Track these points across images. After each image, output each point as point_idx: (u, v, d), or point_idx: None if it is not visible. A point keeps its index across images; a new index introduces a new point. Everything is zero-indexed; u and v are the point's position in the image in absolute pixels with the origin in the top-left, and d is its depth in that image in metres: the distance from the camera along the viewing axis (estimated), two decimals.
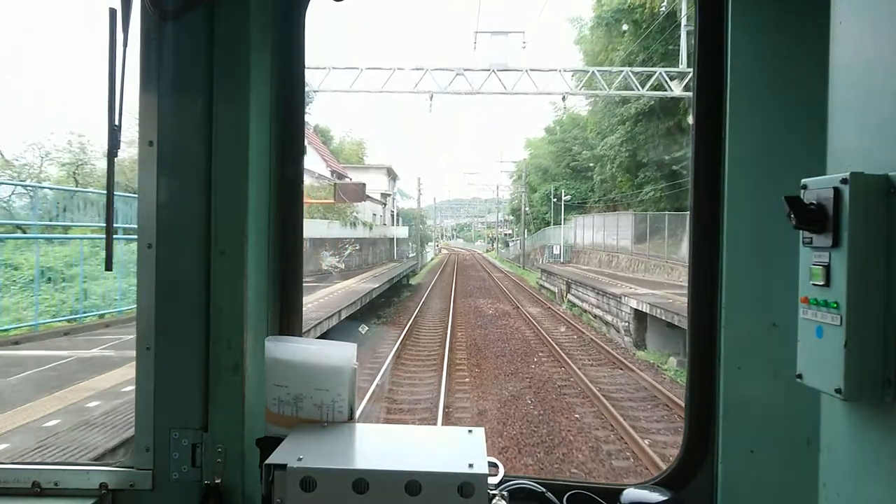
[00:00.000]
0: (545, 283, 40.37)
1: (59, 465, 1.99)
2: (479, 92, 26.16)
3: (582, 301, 28.73)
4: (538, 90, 26.66)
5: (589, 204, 55.12)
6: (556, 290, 36.21)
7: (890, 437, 1.10)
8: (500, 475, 1.72)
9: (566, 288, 34.00)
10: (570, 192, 56.08)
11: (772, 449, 1.82)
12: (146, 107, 1.93)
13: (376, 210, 54.65)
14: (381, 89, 25.91)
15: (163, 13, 1.85)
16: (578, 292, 30.25)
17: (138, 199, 1.92)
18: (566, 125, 58.78)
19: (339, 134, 73.02)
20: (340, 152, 68.15)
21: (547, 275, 40.62)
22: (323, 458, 1.53)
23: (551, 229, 58.52)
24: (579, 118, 57.77)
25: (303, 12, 2.14)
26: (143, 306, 1.94)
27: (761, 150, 1.82)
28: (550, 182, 60.66)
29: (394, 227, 60.52)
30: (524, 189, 66.09)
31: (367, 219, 46.75)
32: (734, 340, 1.85)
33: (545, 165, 62.39)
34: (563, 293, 34.92)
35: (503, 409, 12.81)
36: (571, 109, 57.42)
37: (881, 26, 1.16)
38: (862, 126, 1.20)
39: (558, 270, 39.13)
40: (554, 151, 60.73)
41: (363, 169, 59.35)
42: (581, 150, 49.78)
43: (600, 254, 41.47)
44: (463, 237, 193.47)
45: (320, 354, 1.79)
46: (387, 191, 59.90)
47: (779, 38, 1.80)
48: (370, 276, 32.35)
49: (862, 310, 1.13)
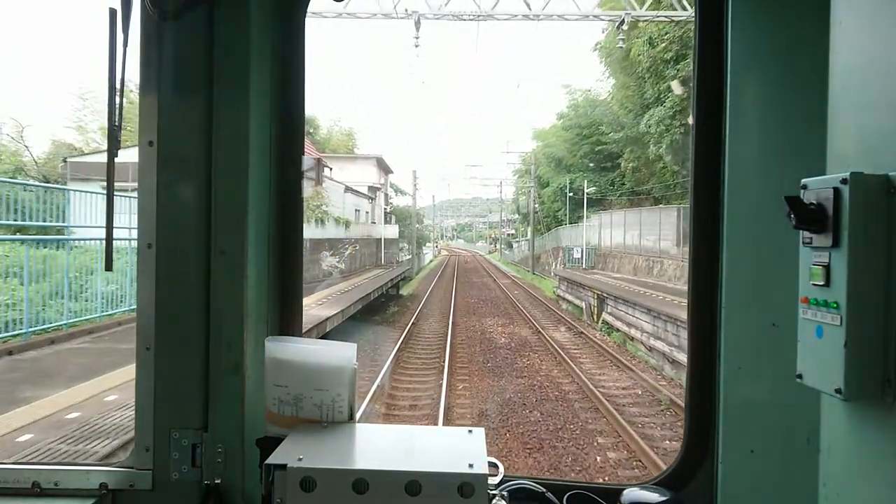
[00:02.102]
0: (566, 294, 32.63)
1: (59, 466, 1.99)
2: (491, 16, 17.46)
3: (625, 324, 21.12)
4: (580, 12, 17.96)
5: (610, 199, 47.31)
6: (582, 304, 28.54)
7: (890, 437, 1.11)
8: (500, 475, 1.70)
9: (598, 303, 26.34)
10: (589, 184, 48.40)
11: (772, 449, 1.82)
12: (146, 107, 1.92)
13: (360, 205, 46.60)
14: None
15: (163, 13, 1.83)
16: (618, 311, 22.62)
17: (138, 199, 1.93)
18: (582, 108, 50.95)
19: (327, 123, 66.11)
20: (328, 143, 60.85)
21: (567, 284, 32.88)
22: (323, 459, 1.52)
23: (566, 229, 50.52)
24: (597, 101, 50.11)
25: (303, 12, 2.14)
26: (143, 306, 1.94)
27: (761, 150, 1.82)
28: (565, 174, 52.66)
29: (381, 225, 52.30)
30: (533, 183, 58.18)
31: (347, 215, 38.82)
32: (734, 340, 1.85)
33: (559, 155, 54.34)
34: (593, 310, 27.25)
35: None
36: (590, 91, 49.76)
37: (881, 26, 1.17)
38: (862, 126, 1.21)
39: (582, 278, 31.39)
40: (569, 139, 52.59)
41: (349, 159, 51.57)
42: (608, 132, 41.03)
43: (635, 258, 33.23)
44: (464, 238, 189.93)
45: (320, 354, 1.78)
46: (375, 184, 51.97)
47: (779, 38, 1.80)
48: (337, 293, 23.34)
49: (862, 310, 1.13)
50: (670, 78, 28.86)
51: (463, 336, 21.19)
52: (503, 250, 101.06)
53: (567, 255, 42.63)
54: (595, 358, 17.85)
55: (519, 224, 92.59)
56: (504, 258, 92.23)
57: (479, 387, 14.34)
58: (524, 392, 13.87)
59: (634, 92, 34.62)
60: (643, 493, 1.85)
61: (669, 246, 29.52)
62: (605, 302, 25.36)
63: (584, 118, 49.48)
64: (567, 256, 42.58)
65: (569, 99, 52.89)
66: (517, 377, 15.33)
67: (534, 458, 10.10)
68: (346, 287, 26.46)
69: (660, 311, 17.76)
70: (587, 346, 19.47)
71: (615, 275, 33.40)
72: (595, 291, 26.70)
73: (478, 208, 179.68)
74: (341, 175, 43.77)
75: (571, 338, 21.16)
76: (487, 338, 20.92)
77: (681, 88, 28.24)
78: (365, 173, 50.38)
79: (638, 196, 39.60)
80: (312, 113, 58.13)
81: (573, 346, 19.64)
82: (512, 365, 16.76)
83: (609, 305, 24.30)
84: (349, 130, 68.60)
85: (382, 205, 57.16)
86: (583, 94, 51.18)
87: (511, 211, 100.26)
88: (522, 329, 22.95)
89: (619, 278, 31.08)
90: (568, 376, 15.42)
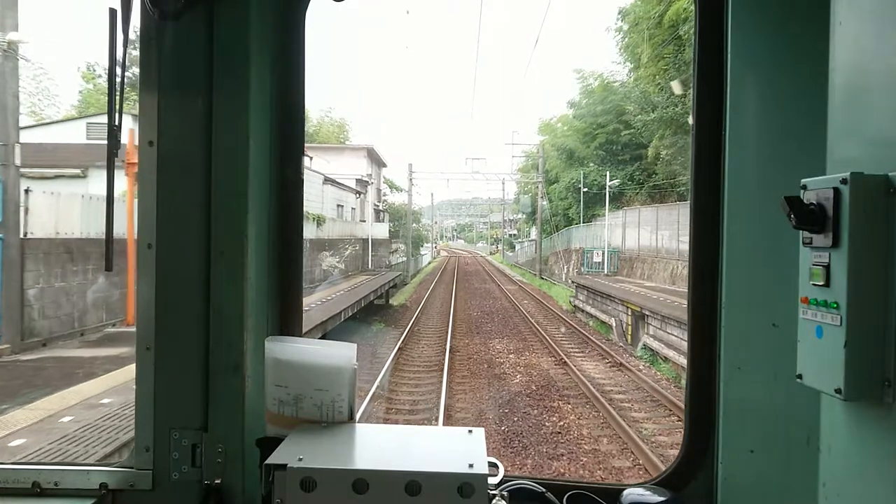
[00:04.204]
0: (586, 305, 27.18)
1: (59, 466, 1.99)
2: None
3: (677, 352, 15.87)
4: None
5: (628, 194, 41.86)
6: (611, 321, 23.16)
7: (890, 437, 1.11)
8: (500, 475, 1.69)
9: (634, 321, 21.01)
10: (604, 179, 42.89)
11: (772, 449, 1.81)
12: (146, 107, 1.92)
13: (344, 200, 40.80)
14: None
15: (163, 13, 1.81)
16: (665, 333, 17.36)
17: (138, 199, 1.93)
18: (597, 94, 45.46)
19: (317, 114, 60.82)
20: (317, 135, 55.53)
21: (588, 294, 27.42)
22: (323, 459, 1.52)
23: (578, 228, 44.90)
24: (612, 87, 44.77)
25: (303, 12, 2.13)
26: (143, 306, 1.94)
27: (761, 150, 1.82)
28: (577, 167, 47.04)
29: (369, 223, 46.15)
30: (541, 177, 52.48)
31: (327, 211, 33.20)
32: (734, 340, 1.85)
33: (570, 146, 48.77)
34: (626, 329, 21.87)
35: None
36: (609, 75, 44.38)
37: (881, 27, 1.17)
38: (862, 126, 1.21)
39: (607, 287, 25.96)
40: (581, 129, 47.17)
41: (335, 150, 46.03)
42: (637, 113, 35.03)
43: (672, 263, 27.37)
44: (464, 238, 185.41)
45: (320, 355, 1.77)
46: (365, 177, 46.21)
47: (779, 39, 1.80)
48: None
49: (862, 310, 1.14)
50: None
51: (464, 371, 15.78)
52: (505, 251, 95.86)
53: (585, 258, 36.68)
54: (651, 409, 12.45)
55: (523, 224, 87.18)
56: (506, 259, 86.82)
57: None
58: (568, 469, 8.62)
59: (669, 64, 29.14)
60: (643, 493, 1.85)
61: None
62: (644, 320, 19.99)
63: (599, 105, 44.11)
64: (585, 260, 36.67)
65: (581, 85, 47.54)
66: (549, 456, 9.90)
67: None
68: (319, 300, 21.07)
69: None
70: (636, 390, 14.06)
71: (647, 283, 27.77)
72: (629, 305, 21.30)
73: (478, 208, 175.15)
74: (327, 168, 38.30)
75: (609, 372, 15.77)
76: (497, 374, 15.50)
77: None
78: (353, 165, 44.89)
79: (676, 190, 33.85)
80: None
81: (615, 386, 14.25)
82: (537, 429, 11.32)
83: (650, 325, 18.97)
84: (340, 121, 63.24)
85: (374, 201, 51.54)
86: (597, 78, 45.80)
87: (514, 211, 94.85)
88: (542, 358, 17.53)
89: (653, 288, 25.62)
90: (625, 450, 10.02)
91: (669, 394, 13.13)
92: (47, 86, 37.71)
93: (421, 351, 18.36)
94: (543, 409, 12.48)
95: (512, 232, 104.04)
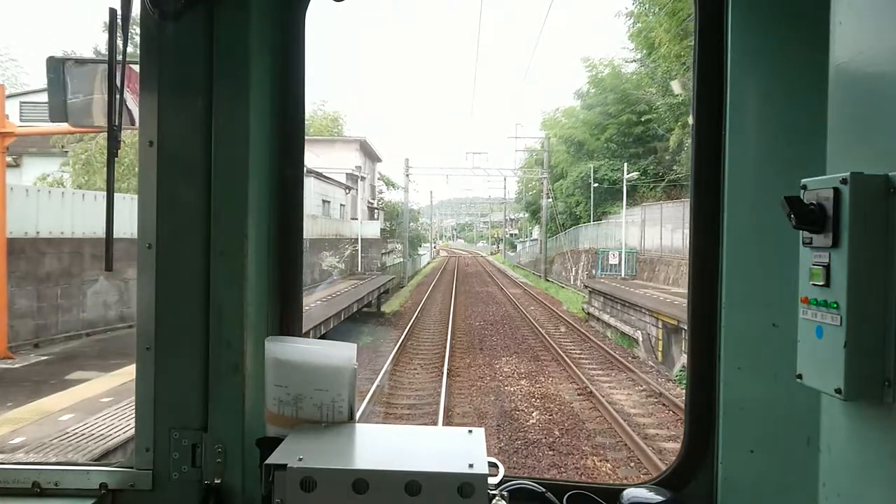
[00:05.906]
0: (603, 314, 23.92)
1: (59, 465, 2.00)
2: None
3: None
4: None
5: (641, 190, 38.56)
6: (636, 335, 19.93)
7: (890, 437, 1.11)
8: (500, 475, 1.69)
9: (666, 336, 17.81)
10: (615, 173, 39.55)
11: (772, 449, 1.81)
12: (146, 107, 1.94)
13: (331, 195, 37.30)
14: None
15: (163, 13, 1.82)
16: None
17: (138, 199, 1.93)
18: (608, 81, 42.15)
19: (310, 108, 57.53)
20: (309, 128, 52.22)
21: (605, 300, 24.20)
22: (323, 459, 1.52)
23: (588, 227, 41.53)
24: (623, 76, 41.54)
25: (303, 12, 2.14)
26: (143, 306, 1.95)
27: (761, 150, 1.83)
28: (586, 161, 43.67)
29: (360, 222, 42.46)
30: (546, 172, 49.10)
31: (311, 207, 29.86)
32: (734, 340, 1.85)
33: (579, 138, 45.44)
34: (656, 344, 18.64)
35: None
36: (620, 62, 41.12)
37: (881, 26, 1.17)
38: (861, 126, 1.21)
39: (628, 293, 22.71)
40: (591, 120, 43.87)
41: (325, 143, 42.59)
42: (657, 98, 31.56)
43: None
44: (464, 237, 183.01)
45: (320, 355, 1.78)
46: (356, 171, 42.67)
47: (779, 38, 1.80)
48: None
49: (862, 310, 1.13)
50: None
51: (465, 406, 12.63)
52: (506, 251, 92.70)
53: (599, 259, 33.12)
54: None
55: (525, 222, 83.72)
56: (508, 260, 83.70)
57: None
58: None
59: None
60: (643, 493, 1.85)
61: None
62: (680, 335, 16.77)
63: (610, 93, 40.83)
64: (599, 262, 33.12)
65: (590, 74, 44.20)
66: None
67: None
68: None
69: None
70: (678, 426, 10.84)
71: (673, 289, 24.41)
72: (660, 317, 18.05)
73: (478, 207, 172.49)
74: (316, 161, 35.04)
75: (647, 405, 12.55)
76: (507, 411, 12.27)
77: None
78: (345, 159, 41.57)
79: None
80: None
81: (659, 427, 11.02)
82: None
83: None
84: (334, 114, 59.81)
85: (367, 198, 48.16)
86: (608, 65, 42.51)
87: (516, 210, 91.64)
88: (560, 384, 14.33)
89: (680, 294, 22.39)
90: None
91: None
92: (14, 73, 34.98)
93: (413, 376, 15.12)
94: (575, 471, 9.23)
95: (513, 231, 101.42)
